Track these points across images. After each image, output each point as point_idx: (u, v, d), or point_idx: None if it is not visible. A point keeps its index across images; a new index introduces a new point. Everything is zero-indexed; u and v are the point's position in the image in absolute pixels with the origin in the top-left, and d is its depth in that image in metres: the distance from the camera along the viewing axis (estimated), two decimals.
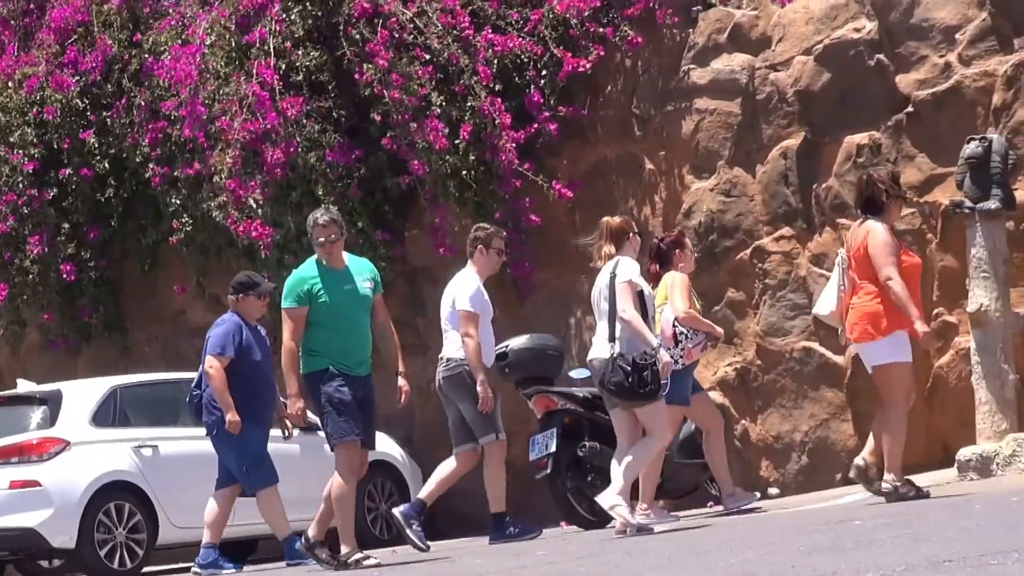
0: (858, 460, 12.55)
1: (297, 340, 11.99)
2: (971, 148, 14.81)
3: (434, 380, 16.63)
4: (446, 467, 14.01)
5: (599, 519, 13.79)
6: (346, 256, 12.67)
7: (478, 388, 13.56)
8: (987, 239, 14.41)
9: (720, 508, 14.92)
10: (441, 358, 14.29)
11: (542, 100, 18.03)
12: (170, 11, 20.18)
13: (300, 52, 18.47)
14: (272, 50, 18.47)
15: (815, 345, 17.12)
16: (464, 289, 13.85)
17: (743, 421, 17.54)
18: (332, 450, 12.29)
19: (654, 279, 14.32)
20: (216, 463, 15.42)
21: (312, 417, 13.09)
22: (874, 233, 12.09)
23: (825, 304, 12.88)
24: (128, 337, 20.95)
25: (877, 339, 12.00)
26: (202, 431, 16.20)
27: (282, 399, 13.91)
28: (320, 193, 18.29)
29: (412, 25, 18.35)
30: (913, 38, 16.81)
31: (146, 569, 16.42)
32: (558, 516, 15.29)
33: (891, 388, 12.29)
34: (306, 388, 12.29)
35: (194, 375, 16.74)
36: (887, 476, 12.14)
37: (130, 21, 20.27)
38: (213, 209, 18.81)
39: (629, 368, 11.87)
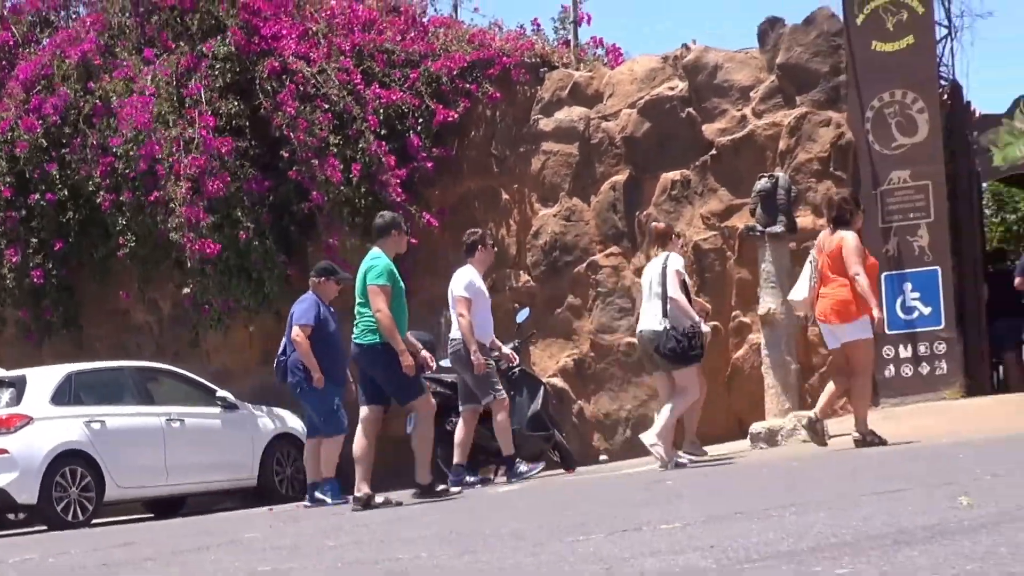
0: (810, 414, 13.56)
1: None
2: (761, 183, 16.33)
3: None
4: (458, 432, 14.74)
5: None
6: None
7: (472, 357, 14.33)
8: (774, 256, 15.94)
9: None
10: (450, 339, 15.01)
11: (419, 143, 19.20)
12: (121, 64, 20.20)
13: (224, 102, 19.32)
14: (204, 100, 19.22)
15: (636, 341, 18.27)
16: (460, 280, 14.69)
17: (579, 402, 18.72)
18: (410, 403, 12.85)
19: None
20: (150, 433, 16.71)
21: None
22: (847, 239, 13.13)
23: (799, 292, 13.80)
24: (82, 332, 21.30)
25: (849, 322, 13.05)
26: (142, 408, 17.26)
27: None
28: (239, 215, 19.19)
29: (314, 81, 19.26)
30: (716, 95, 18.44)
31: (95, 521, 16.43)
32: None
33: (859, 359, 13.30)
34: (372, 354, 12.90)
35: (136, 364, 18.08)
36: (857, 428, 13.12)
37: (84, 73, 20.61)
38: (170, 231, 19.12)
39: (681, 337, 13.11)
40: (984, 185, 20.62)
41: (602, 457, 17.67)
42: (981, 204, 20.33)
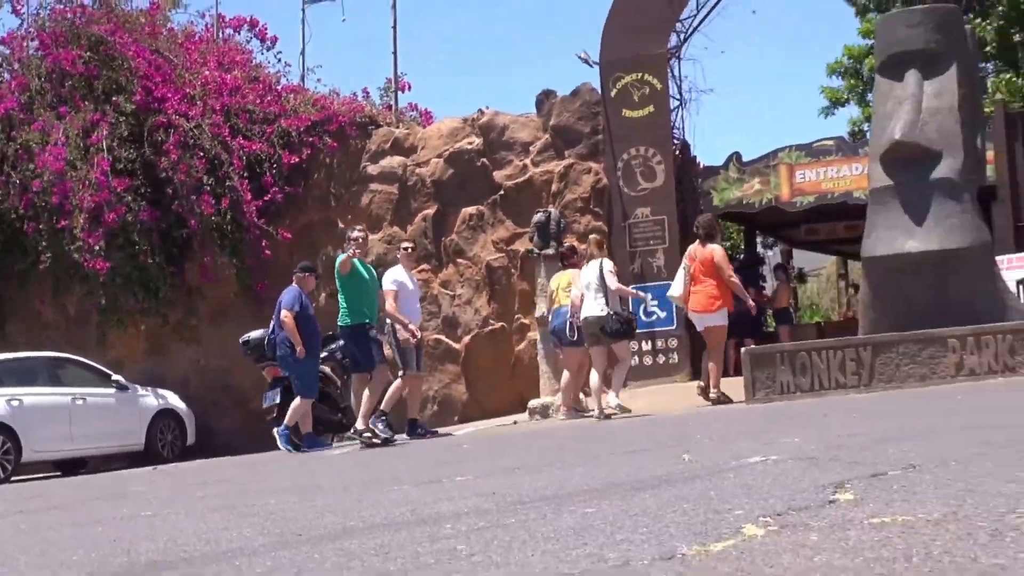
0: (700, 382, 14.63)
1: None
2: (538, 217, 17.70)
3: (200, 360, 20.31)
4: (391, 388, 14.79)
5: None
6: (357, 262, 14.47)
7: (399, 334, 14.67)
8: (547, 273, 17.03)
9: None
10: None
11: (273, 183, 20.58)
12: (38, 119, 21.12)
13: (123, 150, 20.47)
14: (105, 148, 20.19)
15: (443, 337, 20.02)
16: (386, 278, 14.97)
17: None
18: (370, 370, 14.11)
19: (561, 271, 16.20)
20: (58, 409, 17.97)
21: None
22: (716, 251, 14.22)
23: (676, 289, 14.70)
24: (5, 330, 22.09)
25: (712, 312, 14.22)
26: (52, 388, 18.38)
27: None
28: (135, 238, 20.30)
29: (192, 133, 20.43)
30: (504, 149, 20.21)
31: (14, 479, 17.24)
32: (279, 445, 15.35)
33: (715, 338, 14.30)
34: (358, 332, 14.22)
35: (47, 354, 19.13)
36: (713, 390, 13.99)
37: (8, 125, 21.44)
38: (72, 252, 20.04)
39: (622, 319, 14.14)
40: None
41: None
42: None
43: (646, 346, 19.21)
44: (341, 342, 16.52)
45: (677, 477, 5.27)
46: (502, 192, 20.16)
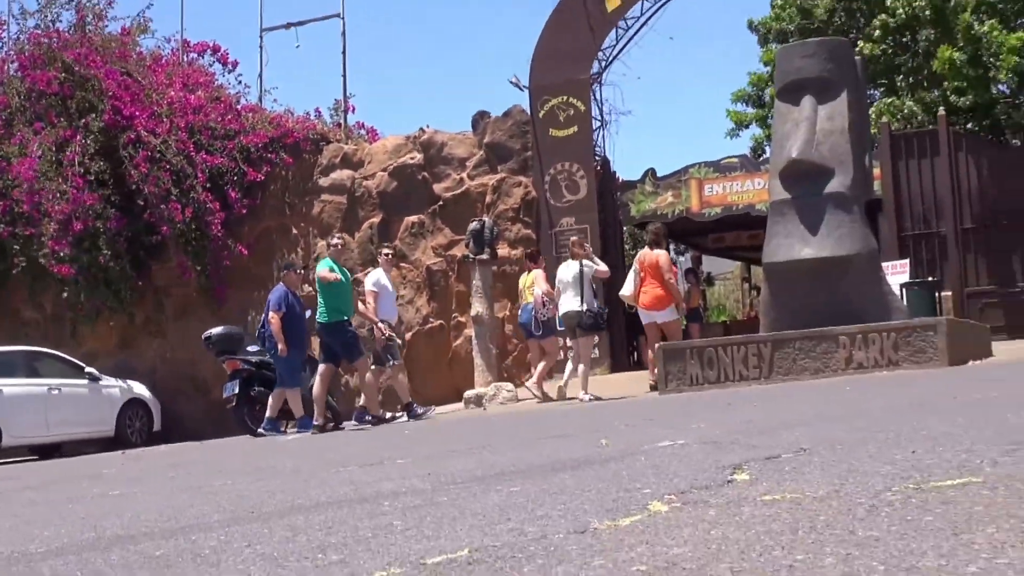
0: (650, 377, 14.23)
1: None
2: (473, 225, 17.26)
3: (166, 354, 20.06)
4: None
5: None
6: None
7: (375, 331, 14.75)
8: (481, 276, 16.91)
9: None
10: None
11: (235, 195, 20.45)
12: (16, 134, 20.81)
13: (94, 163, 20.21)
14: (76, 163, 19.97)
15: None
16: (367, 280, 15.15)
17: (345, 377, 19.69)
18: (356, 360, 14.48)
19: (527, 271, 16.41)
20: (36, 398, 17.61)
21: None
22: (661, 257, 14.29)
23: (627, 289, 14.72)
24: None
25: (662, 310, 14.25)
26: (30, 380, 18.09)
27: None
28: (101, 245, 20.10)
29: (159, 149, 20.24)
30: (442, 164, 20.28)
31: None
32: (238, 431, 15.90)
33: (672, 332, 14.29)
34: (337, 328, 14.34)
35: (25, 348, 18.88)
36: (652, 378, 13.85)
37: None
38: (40, 256, 19.94)
39: (595, 314, 14.39)
40: (624, 228, 21.68)
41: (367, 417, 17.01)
42: (622, 240, 21.60)
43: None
44: None
45: (594, 459, 5.24)
46: (441, 203, 20.26)
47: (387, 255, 15.79)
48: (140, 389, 19.91)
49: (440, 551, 3.01)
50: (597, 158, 20.32)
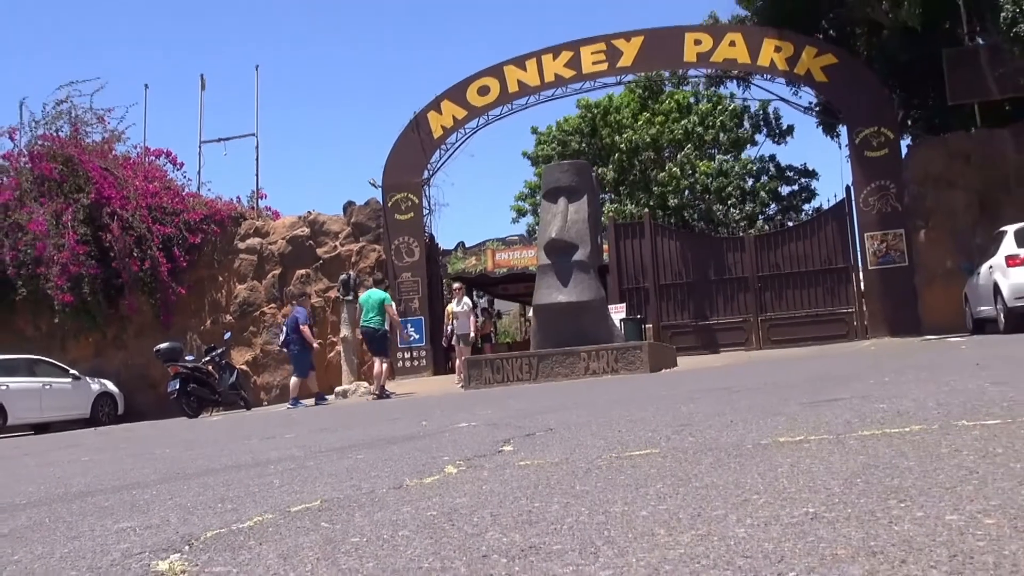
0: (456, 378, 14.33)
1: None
2: (343, 277, 16.89)
3: (128, 361, 18.96)
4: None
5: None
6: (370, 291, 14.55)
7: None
8: (348, 311, 16.37)
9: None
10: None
11: (179, 252, 19.80)
12: (26, 204, 19.56)
13: (82, 227, 19.24)
14: (70, 227, 19.13)
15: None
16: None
17: (254, 376, 19.24)
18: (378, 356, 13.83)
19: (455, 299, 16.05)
20: (34, 391, 16.75)
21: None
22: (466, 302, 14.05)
23: (464, 328, 14.96)
24: (5, 340, 19.51)
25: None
26: (29, 378, 17.14)
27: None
28: (83, 285, 19.04)
29: (128, 220, 19.45)
30: (323, 235, 19.83)
31: (1, 436, 15.81)
32: (178, 415, 15.18)
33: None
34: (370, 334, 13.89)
35: (26, 356, 17.72)
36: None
37: (4, 209, 19.73)
38: (47, 289, 18.99)
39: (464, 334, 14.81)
40: (443, 281, 20.89)
41: (305, 401, 15.89)
42: (442, 289, 20.58)
43: (407, 355, 19.02)
44: (220, 349, 16.14)
45: (416, 436, 4.96)
46: (321, 261, 19.91)
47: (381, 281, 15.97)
48: (109, 385, 19.11)
49: (301, 502, 2.86)
50: (426, 234, 20.13)
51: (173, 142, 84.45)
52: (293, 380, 14.81)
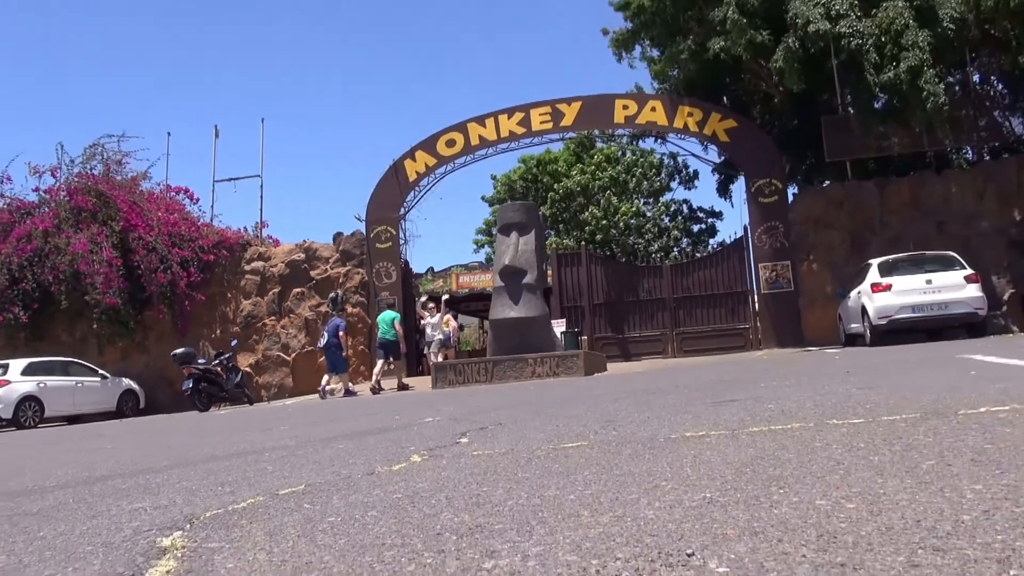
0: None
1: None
2: (332, 295, 16.37)
3: (149, 363, 18.39)
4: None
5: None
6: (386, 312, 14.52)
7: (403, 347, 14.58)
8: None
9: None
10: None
11: (195, 271, 19.06)
12: (64, 231, 18.64)
13: (115, 251, 18.59)
14: (104, 248, 18.33)
15: (282, 354, 18.60)
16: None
17: (256, 377, 18.57)
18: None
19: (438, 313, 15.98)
20: (68, 388, 16.33)
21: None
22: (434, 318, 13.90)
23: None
24: (41, 345, 18.90)
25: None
26: (64, 377, 16.61)
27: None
28: (117, 294, 18.29)
29: (152, 244, 18.78)
30: (316, 260, 19.11)
31: (40, 425, 15.52)
32: (191, 409, 14.91)
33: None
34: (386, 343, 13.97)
35: (61, 359, 17.15)
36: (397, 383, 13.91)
37: (45, 235, 18.83)
38: (92, 299, 18.21)
39: (445, 342, 14.80)
40: (416, 300, 20.25)
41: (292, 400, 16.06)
42: (414, 306, 19.92)
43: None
44: (228, 354, 15.87)
45: (389, 428, 4.81)
46: (314, 282, 19.44)
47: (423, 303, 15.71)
48: (132, 383, 18.57)
49: (289, 486, 2.77)
50: (402, 260, 19.79)
51: (191, 180, 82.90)
52: (331, 377, 14.67)
